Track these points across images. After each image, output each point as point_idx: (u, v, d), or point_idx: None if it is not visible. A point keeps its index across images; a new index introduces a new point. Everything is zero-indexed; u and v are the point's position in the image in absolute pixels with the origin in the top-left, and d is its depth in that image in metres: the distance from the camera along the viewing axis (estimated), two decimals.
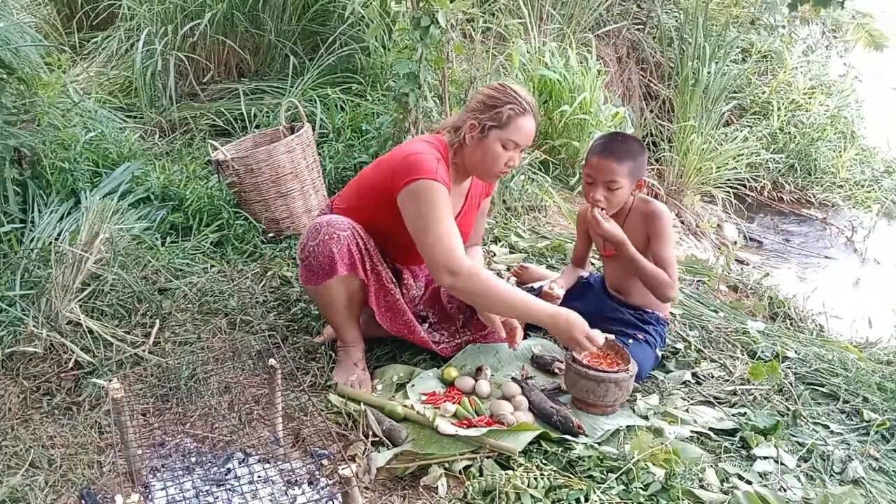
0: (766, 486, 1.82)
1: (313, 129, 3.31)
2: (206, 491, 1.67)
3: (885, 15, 6.88)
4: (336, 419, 1.99)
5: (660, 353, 2.30)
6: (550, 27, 4.88)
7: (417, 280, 2.38)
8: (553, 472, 1.76)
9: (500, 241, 3.20)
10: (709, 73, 5.11)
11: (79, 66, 4.25)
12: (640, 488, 1.74)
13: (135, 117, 3.91)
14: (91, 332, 2.22)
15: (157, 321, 2.35)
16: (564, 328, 1.97)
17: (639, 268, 2.22)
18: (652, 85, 5.86)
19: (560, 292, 2.32)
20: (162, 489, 1.66)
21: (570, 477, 1.77)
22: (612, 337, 2.12)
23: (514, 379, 2.15)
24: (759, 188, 5.86)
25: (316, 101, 3.71)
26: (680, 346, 2.44)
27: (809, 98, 6.38)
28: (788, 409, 2.16)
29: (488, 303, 2.03)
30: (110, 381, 1.59)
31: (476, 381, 2.11)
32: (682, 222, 4.98)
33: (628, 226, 2.27)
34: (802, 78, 6.47)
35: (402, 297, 2.17)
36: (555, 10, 4.95)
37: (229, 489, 1.68)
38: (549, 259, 3.07)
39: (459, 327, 2.30)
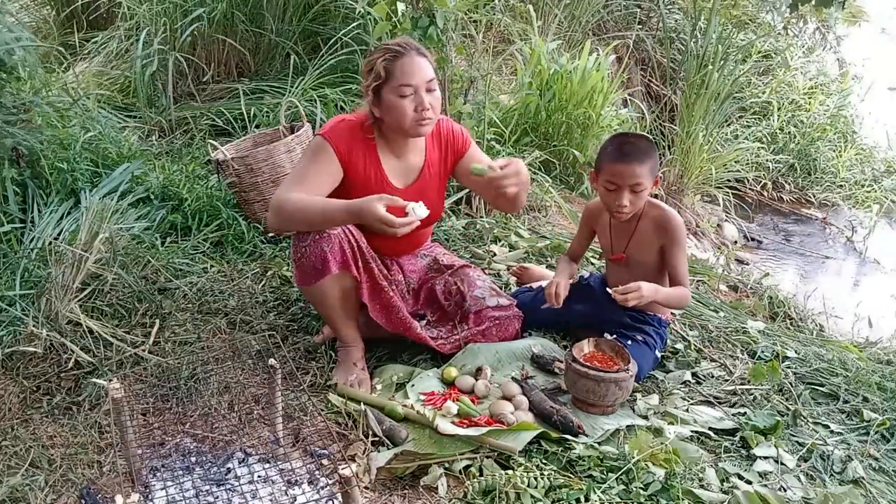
0: (766, 485, 1.82)
1: (313, 129, 3.31)
2: (206, 491, 1.67)
3: None
4: (336, 419, 1.99)
5: (659, 355, 2.29)
6: (552, 27, 4.88)
7: (407, 275, 2.36)
8: (553, 472, 1.76)
9: (500, 241, 3.20)
10: (718, 75, 5.08)
11: (78, 66, 4.25)
12: (640, 488, 1.74)
13: (134, 117, 3.91)
14: (91, 331, 2.22)
15: (157, 321, 2.35)
16: (365, 216, 1.88)
17: (667, 301, 2.20)
18: (652, 85, 5.86)
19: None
20: (162, 489, 1.66)
21: (570, 477, 1.77)
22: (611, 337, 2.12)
23: (514, 379, 2.15)
24: (759, 188, 5.86)
25: (316, 101, 3.70)
26: (680, 346, 2.44)
27: (809, 98, 6.38)
28: (788, 409, 2.16)
29: (293, 219, 2.03)
30: (110, 380, 1.58)
31: (476, 380, 2.11)
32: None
33: (640, 233, 2.22)
34: (802, 78, 6.47)
35: (395, 294, 2.17)
36: (558, 10, 4.95)
37: (229, 489, 1.68)
38: (549, 259, 3.06)
39: (458, 322, 2.29)
